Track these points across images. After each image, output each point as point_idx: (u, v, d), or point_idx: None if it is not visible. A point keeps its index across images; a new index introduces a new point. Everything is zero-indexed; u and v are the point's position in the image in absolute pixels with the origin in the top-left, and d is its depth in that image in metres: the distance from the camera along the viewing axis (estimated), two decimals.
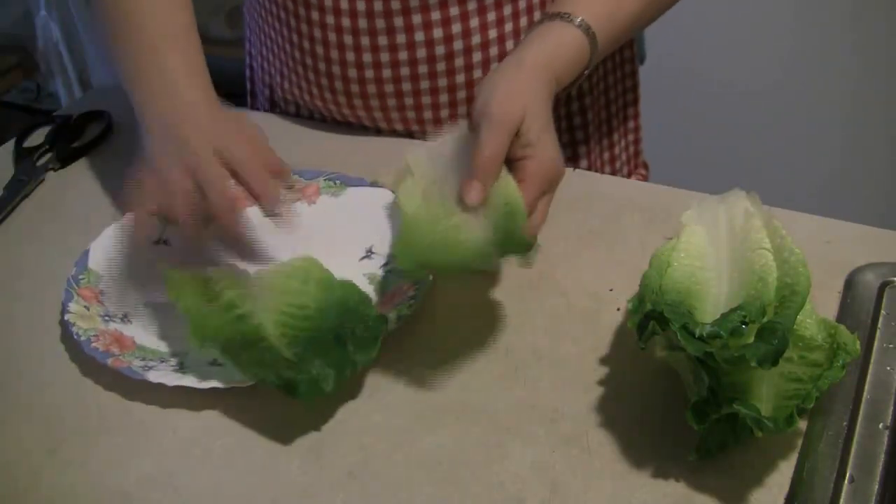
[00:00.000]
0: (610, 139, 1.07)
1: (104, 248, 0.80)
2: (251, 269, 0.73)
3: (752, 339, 0.57)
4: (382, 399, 0.67)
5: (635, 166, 1.12)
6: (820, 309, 0.65)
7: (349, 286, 0.72)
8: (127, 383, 0.67)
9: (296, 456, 0.63)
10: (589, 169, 1.04)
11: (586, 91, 1.01)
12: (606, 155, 1.07)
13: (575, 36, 0.78)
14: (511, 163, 0.70)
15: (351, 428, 0.65)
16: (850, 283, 0.73)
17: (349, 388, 0.67)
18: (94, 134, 1.02)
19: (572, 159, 1.03)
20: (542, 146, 0.71)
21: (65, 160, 0.99)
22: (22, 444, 0.65)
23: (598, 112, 1.04)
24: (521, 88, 0.72)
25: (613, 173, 1.08)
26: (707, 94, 1.96)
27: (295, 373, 0.63)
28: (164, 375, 0.66)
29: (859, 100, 1.86)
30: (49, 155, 0.99)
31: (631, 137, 1.09)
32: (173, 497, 0.61)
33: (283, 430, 0.65)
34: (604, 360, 0.69)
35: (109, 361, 0.68)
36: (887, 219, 0.85)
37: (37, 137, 1.01)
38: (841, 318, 0.70)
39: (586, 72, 0.80)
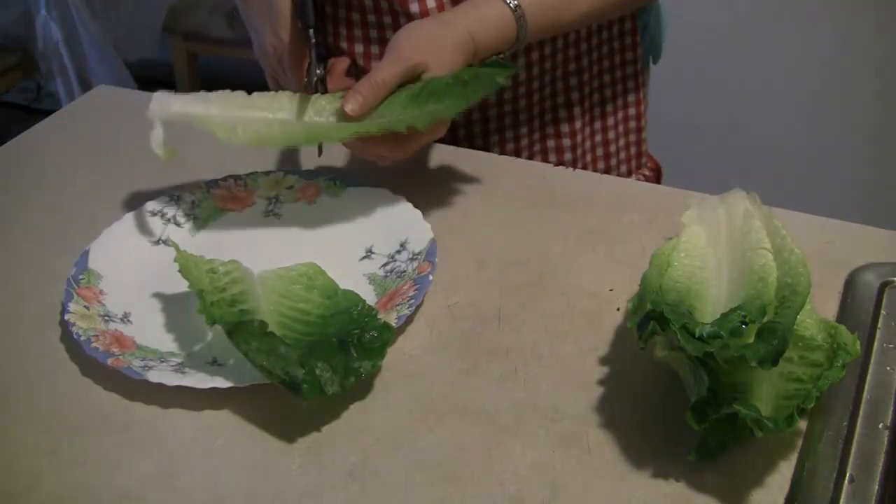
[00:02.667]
0: (605, 135, 1.06)
1: (104, 248, 0.80)
2: (255, 268, 0.74)
3: (752, 339, 0.57)
4: (382, 399, 0.67)
5: (637, 166, 1.11)
6: (820, 309, 0.65)
7: (352, 296, 0.71)
8: (127, 383, 0.67)
9: (296, 456, 0.63)
10: (576, 162, 1.04)
11: (574, 86, 1.01)
12: (600, 151, 1.07)
13: (502, 13, 0.83)
14: None
15: (351, 428, 0.65)
16: (850, 283, 0.73)
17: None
18: None
19: (557, 150, 1.03)
20: None
21: None
22: (22, 444, 0.65)
23: (590, 108, 1.04)
24: (438, 45, 0.80)
25: (608, 170, 1.08)
26: (707, 94, 1.96)
27: (301, 371, 0.63)
28: (164, 375, 0.66)
29: (860, 101, 1.86)
30: None
31: (633, 137, 1.09)
32: (173, 497, 0.61)
33: (284, 430, 0.65)
34: (604, 360, 0.69)
35: (109, 361, 0.68)
36: (887, 219, 0.85)
37: None
38: (841, 318, 0.70)
39: (520, 46, 0.86)
